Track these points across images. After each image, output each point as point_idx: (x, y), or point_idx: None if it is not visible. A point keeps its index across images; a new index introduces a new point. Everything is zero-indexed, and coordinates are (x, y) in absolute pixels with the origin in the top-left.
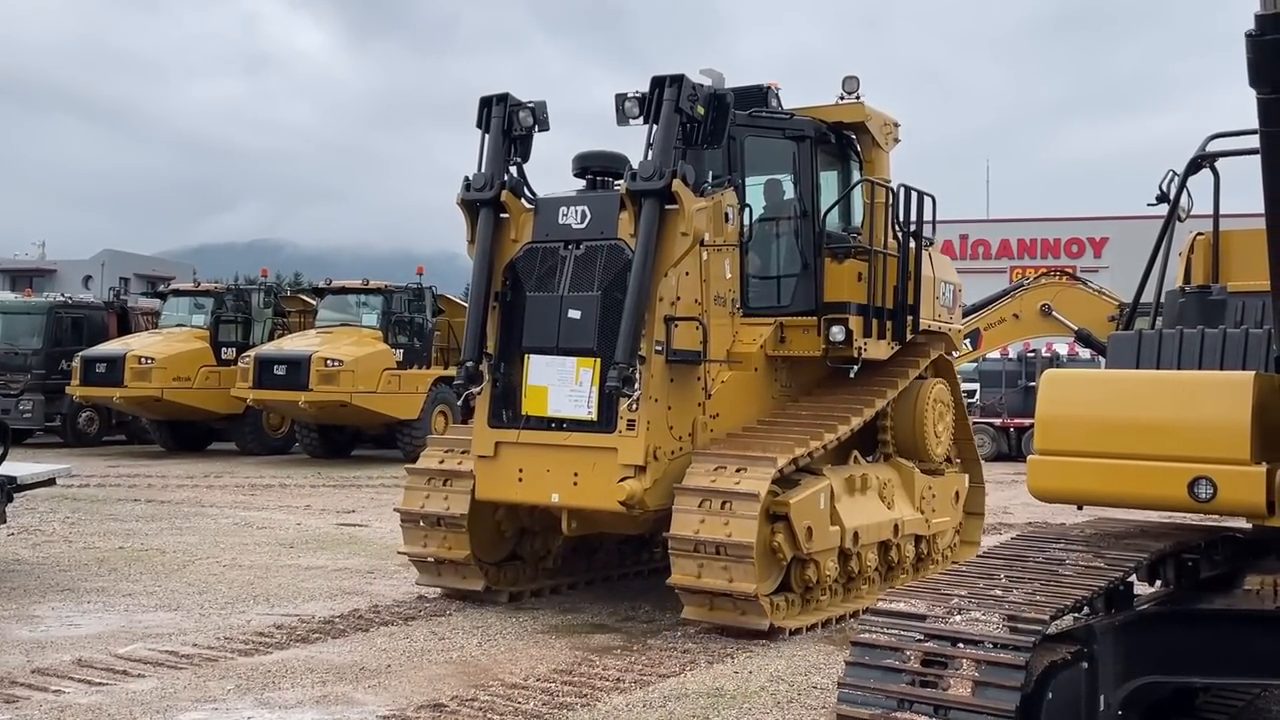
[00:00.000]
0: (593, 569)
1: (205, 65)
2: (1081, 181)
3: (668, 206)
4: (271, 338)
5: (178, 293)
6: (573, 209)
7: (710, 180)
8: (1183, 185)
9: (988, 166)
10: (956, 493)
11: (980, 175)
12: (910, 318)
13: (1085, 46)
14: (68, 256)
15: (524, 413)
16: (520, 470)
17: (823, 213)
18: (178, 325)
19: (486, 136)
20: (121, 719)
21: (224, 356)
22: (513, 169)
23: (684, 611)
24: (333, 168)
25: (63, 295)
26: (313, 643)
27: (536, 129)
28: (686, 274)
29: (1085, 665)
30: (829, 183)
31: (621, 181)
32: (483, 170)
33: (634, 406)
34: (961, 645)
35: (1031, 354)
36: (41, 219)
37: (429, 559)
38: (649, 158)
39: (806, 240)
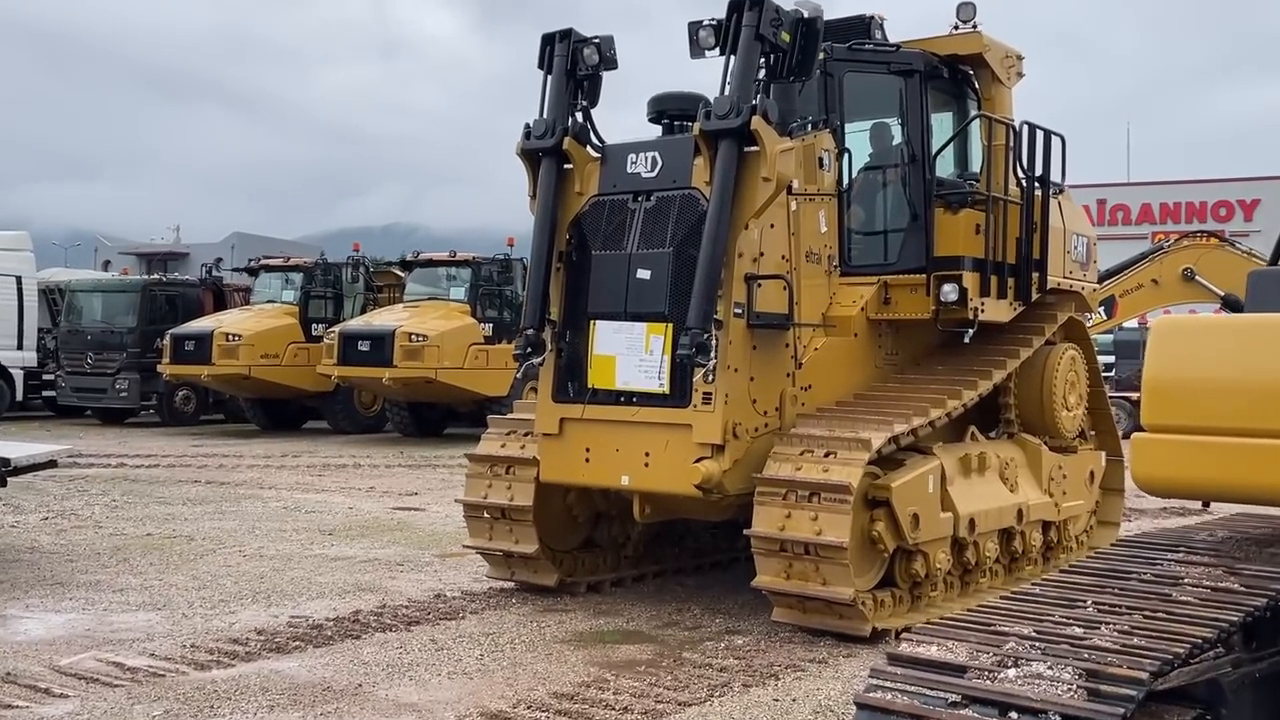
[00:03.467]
0: (681, 556)
1: (340, 52)
2: (1229, 145)
3: (747, 148)
4: (363, 313)
5: (268, 269)
6: (642, 156)
7: (806, 121)
8: None
9: (1128, 129)
10: (1091, 472)
11: (1120, 140)
12: (1036, 274)
13: (1231, 4)
14: (203, 241)
15: (590, 385)
16: (587, 449)
17: (933, 156)
18: (268, 302)
19: (549, 78)
20: None
21: (315, 333)
22: (578, 115)
23: (774, 614)
24: (463, 150)
25: (162, 274)
26: (288, 653)
27: (603, 68)
28: (771, 226)
29: None
30: (943, 125)
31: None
32: (544, 116)
33: (710, 377)
34: (1014, 716)
35: None
36: (180, 206)
37: (497, 552)
38: (725, 93)
39: (915, 188)
